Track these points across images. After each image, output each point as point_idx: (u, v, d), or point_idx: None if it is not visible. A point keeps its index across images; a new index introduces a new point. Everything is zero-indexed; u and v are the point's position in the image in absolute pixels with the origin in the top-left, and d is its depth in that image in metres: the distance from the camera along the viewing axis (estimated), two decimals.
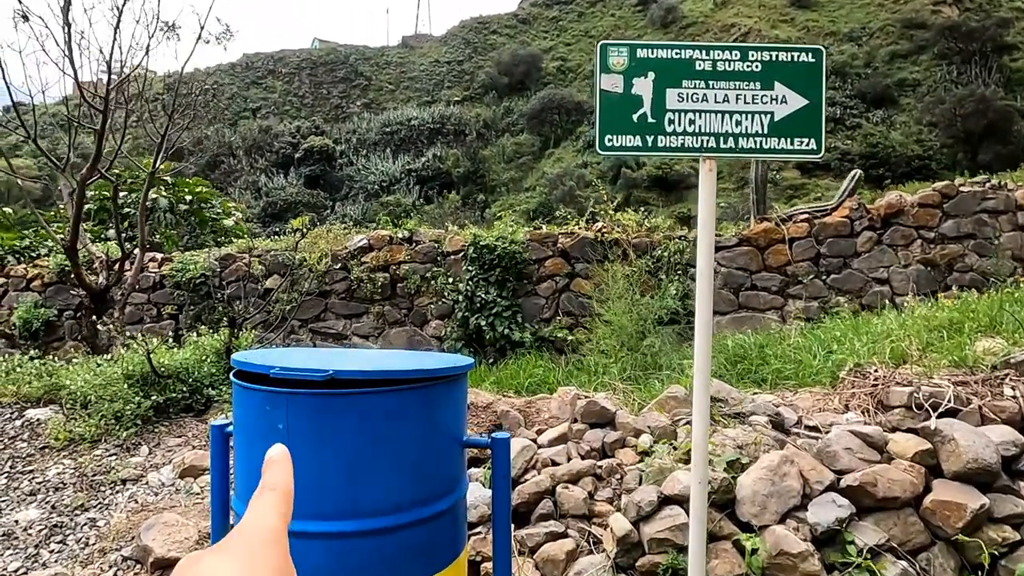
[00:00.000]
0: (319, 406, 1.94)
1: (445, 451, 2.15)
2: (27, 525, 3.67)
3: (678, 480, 3.15)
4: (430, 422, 2.09)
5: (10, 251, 8.57)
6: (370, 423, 1.95)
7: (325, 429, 1.93)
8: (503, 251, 7.02)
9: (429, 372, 2.06)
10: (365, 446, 1.93)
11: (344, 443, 1.92)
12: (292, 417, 1.92)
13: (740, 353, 5.54)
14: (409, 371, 2.01)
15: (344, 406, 1.93)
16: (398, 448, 1.99)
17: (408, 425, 2.02)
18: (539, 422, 4.30)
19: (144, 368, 4.93)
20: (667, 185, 32.60)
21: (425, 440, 2.06)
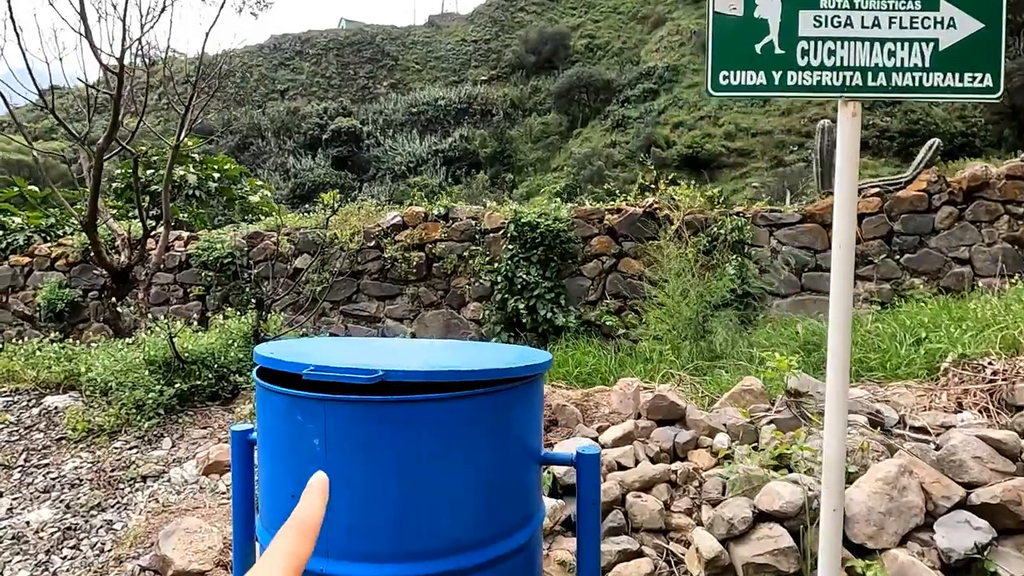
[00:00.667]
0: (367, 417, 1.50)
1: (520, 472, 1.70)
2: (39, 527, 3.34)
3: (777, 494, 2.67)
4: (504, 435, 1.64)
5: (35, 230, 8.34)
6: (430, 439, 1.51)
7: (374, 446, 1.49)
8: (546, 228, 6.53)
9: (504, 372, 1.60)
10: (423, 468, 1.49)
11: (397, 464, 1.48)
12: (331, 430, 1.48)
13: (814, 340, 5.01)
14: (480, 371, 1.56)
15: (399, 417, 1.49)
16: (464, 470, 1.55)
17: (477, 440, 1.57)
18: (598, 418, 3.85)
19: (167, 353, 4.58)
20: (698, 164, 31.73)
21: (497, 459, 1.62)
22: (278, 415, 1.58)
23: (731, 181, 29.96)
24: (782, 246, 6.69)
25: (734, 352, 5.06)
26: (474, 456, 1.55)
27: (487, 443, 1.57)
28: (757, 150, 30.96)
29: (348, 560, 1.50)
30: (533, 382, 1.72)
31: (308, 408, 1.50)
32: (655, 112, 35.15)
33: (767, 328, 5.55)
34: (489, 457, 1.58)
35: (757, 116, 33.08)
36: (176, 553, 2.94)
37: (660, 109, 35.44)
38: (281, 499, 1.60)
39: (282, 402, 1.55)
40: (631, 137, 33.88)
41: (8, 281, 7.88)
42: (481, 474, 1.56)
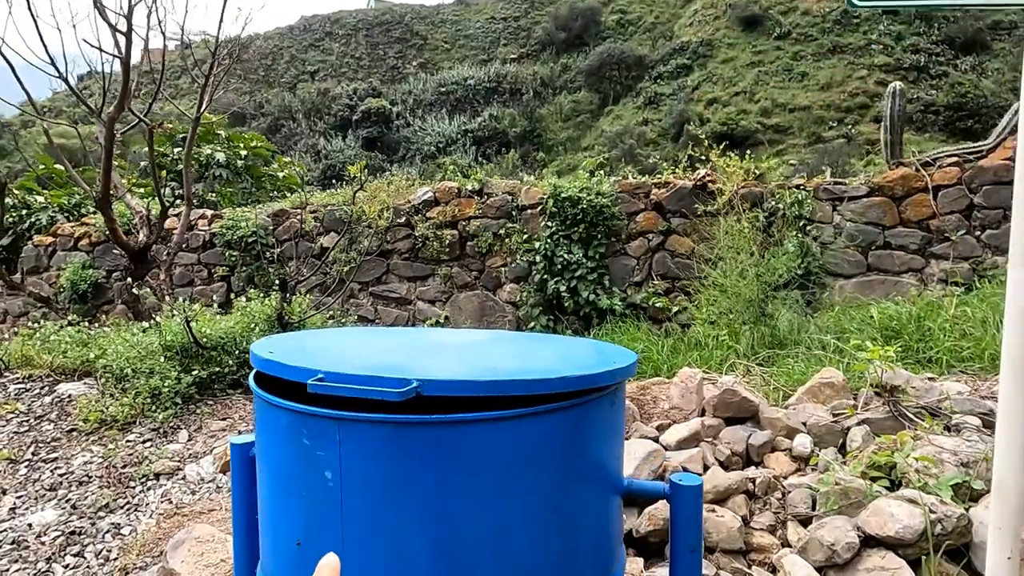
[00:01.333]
0: (397, 443, 1.09)
1: (598, 510, 1.27)
2: (41, 530, 3.04)
3: (890, 515, 2.21)
4: (578, 463, 1.22)
5: (59, 209, 8.14)
6: (480, 471, 1.10)
7: (406, 482, 1.08)
8: (588, 204, 6.06)
9: (583, 380, 1.18)
10: (471, 509, 1.08)
11: (435, 505, 1.08)
12: (349, 460, 1.07)
13: (892, 326, 4.48)
14: (552, 380, 1.13)
15: (436, 443, 1.08)
16: (524, 510, 1.13)
17: (541, 471, 1.15)
18: (657, 414, 3.41)
19: (184, 338, 4.26)
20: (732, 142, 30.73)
21: (568, 494, 1.20)
22: (280, 436, 1.18)
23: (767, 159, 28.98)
24: (847, 222, 6.12)
25: (801, 339, 4.56)
26: (538, 494, 1.13)
27: (557, 475, 1.15)
28: (794, 126, 29.88)
29: None
30: (616, 391, 1.29)
31: (318, 430, 1.09)
32: (688, 89, 34.12)
33: (835, 312, 5.02)
34: (559, 495, 1.16)
35: (795, 91, 31.95)
36: (185, 567, 2.60)
37: (693, 85, 34.42)
38: (284, 546, 1.21)
39: (284, 420, 1.15)
40: (663, 115, 32.99)
41: (32, 261, 7.71)
42: (547, 518, 1.15)
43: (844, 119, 28.80)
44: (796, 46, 34.14)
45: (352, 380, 1.04)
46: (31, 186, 8.88)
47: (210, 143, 9.65)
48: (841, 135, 27.56)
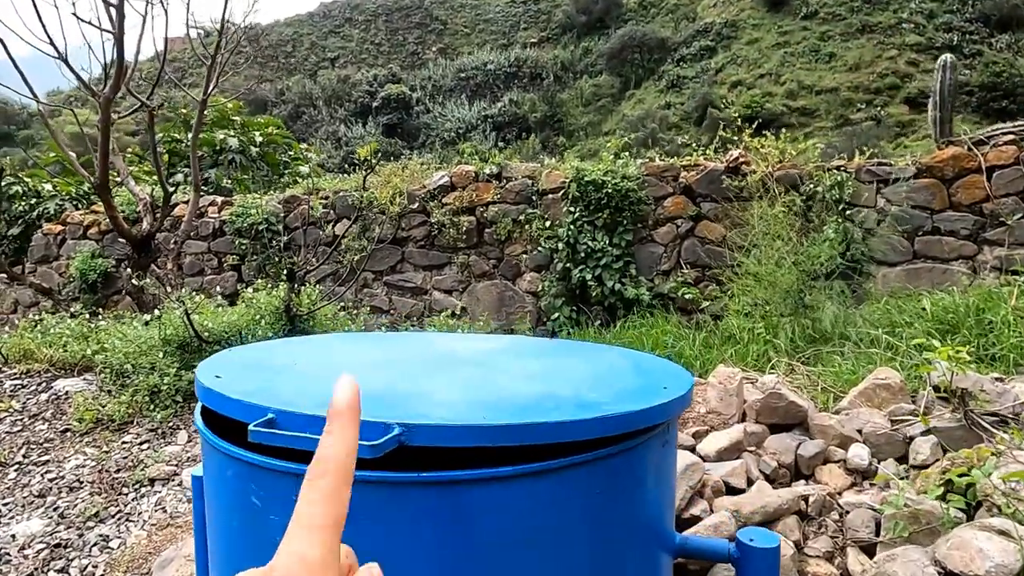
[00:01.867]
0: (375, 508, 0.80)
1: (641, 570, 0.99)
2: (25, 542, 2.82)
3: (978, 551, 1.87)
4: (619, 522, 0.92)
5: (67, 197, 7.98)
6: (488, 544, 0.81)
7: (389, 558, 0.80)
8: (613, 188, 5.71)
9: (624, 421, 0.87)
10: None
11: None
12: None
13: (947, 319, 4.10)
14: (581, 422, 0.83)
15: (435, 510, 0.80)
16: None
17: (574, 536, 0.86)
18: (694, 419, 3.10)
19: (185, 332, 4.02)
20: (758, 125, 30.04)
21: (606, 562, 0.91)
22: (228, 490, 0.88)
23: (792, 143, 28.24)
24: (891, 206, 5.70)
25: (847, 333, 4.20)
26: (567, 562, 0.83)
27: (591, 540, 0.85)
28: (821, 109, 29.12)
29: None
30: (667, 428, 0.98)
31: (269, 486, 0.80)
32: (712, 71, 33.39)
33: (882, 303, 4.64)
34: (594, 562, 0.86)
35: (822, 72, 31.13)
36: None
37: (717, 68, 33.69)
38: None
39: (231, 471, 0.86)
40: (686, 98, 32.36)
41: (42, 250, 7.57)
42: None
43: (873, 101, 27.94)
44: (823, 26, 33.22)
45: (310, 425, 0.74)
46: (41, 175, 8.74)
47: (224, 128, 9.44)
48: (870, 117, 26.72)
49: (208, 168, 8.82)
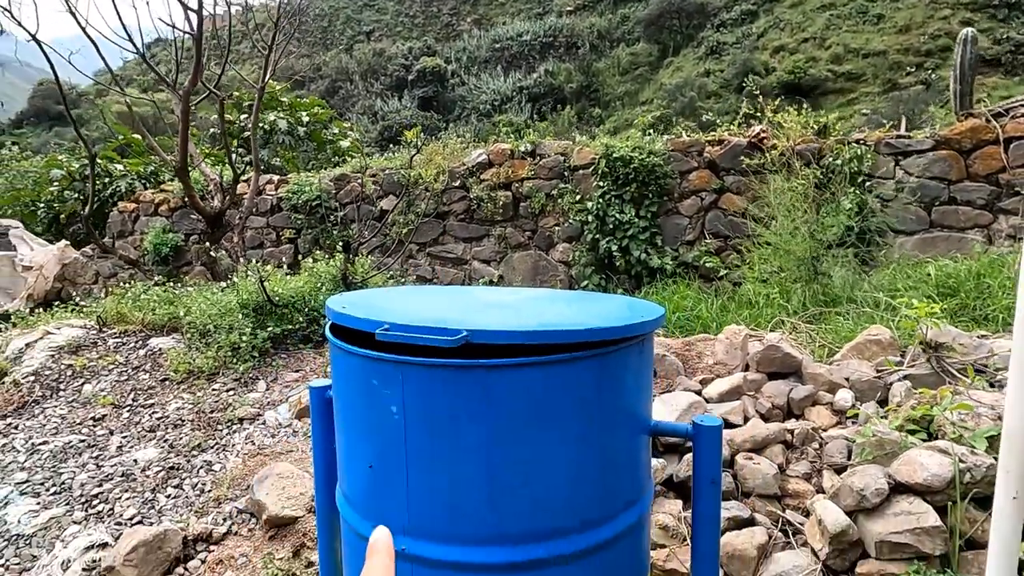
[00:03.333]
0: (450, 383, 1.27)
1: (627, 445, 1.44)
2: (145, 465, 3.45)
3: (920, 464, 2.31)
4: (608, 404, 1.38)
5: (136, 177, 8.68)
6: (521, 408, 1.28)
7: (458, 417, 1.28)
8: (640, 163, 6.09)
9: (612, 331, 1.33)
10: (514, 442, 1.26)
11: (484, 436, 1.27)
12: (410, 397, 1.27)
13: (949, 284, 4.43)
14: (579, 330, 1.30)
15: (484, 384, 1.27)
16: (560, 445, 1.31)
17: (575, 410, 1.32)
18: (702, 369, 3.54)
19: (259, 297, 4.61)
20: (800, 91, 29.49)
21: (600, 431, 1.37)
22: (353, 377, 1.39)
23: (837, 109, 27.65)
24: (910, 177, 5.95)
25: (854, 296, 4.56)
26: (572, 429, 1.31)
27: (588, 414, 1.33)
28: (868, 73, 28.37)
29: (431, 541, 1.32)
30: (644, 342, 1.45)
31: (384, 372, 1.30)
32: (753, 36, 32.74)
33: (891, 270, 4.97)
34: (590, 430, 1.34)
35: (869, 35, 30.23)
36: (269, 498, 2.94)
37: (759, 32, 33.01)
38: (359, 470, 1.43)
39: (356, 364, 1.36)
40: (726, 65, 31.87)
41: (118, 226, 8.31)
42: (579, 451, 1.33)
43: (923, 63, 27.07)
44: None
45: (413, 330, 1.24)
46: (111, 155, 9.47)
47: (273, 110, 10.02)
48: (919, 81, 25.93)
49: (261, 147, 9.43)
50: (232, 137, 9.76)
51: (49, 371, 4.46)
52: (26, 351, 4.70)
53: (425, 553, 1.31)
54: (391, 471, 1.33)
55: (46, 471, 3.45)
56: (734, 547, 2.40)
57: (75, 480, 3.36)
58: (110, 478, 3.36)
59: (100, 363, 4.54)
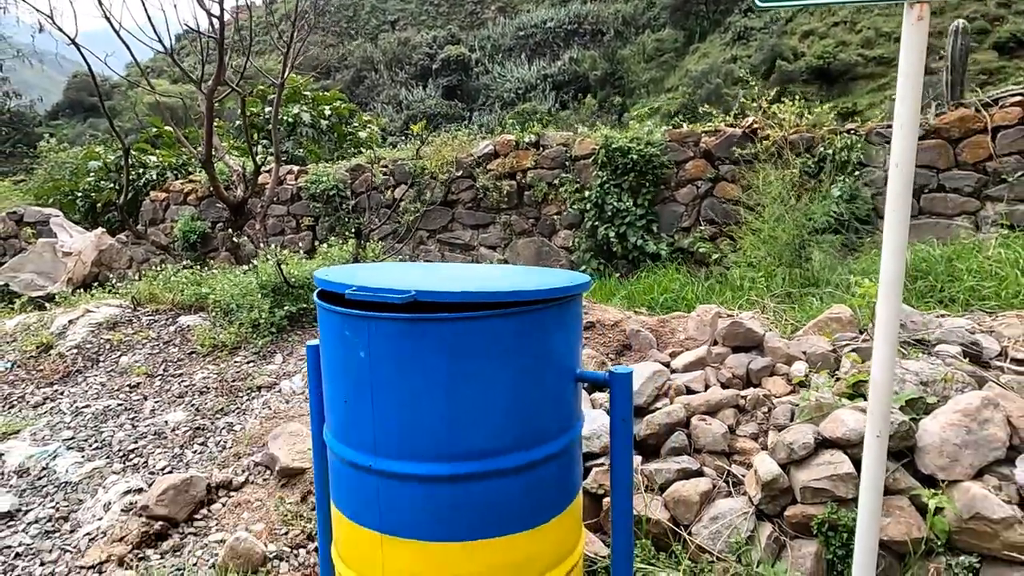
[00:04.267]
0: (402, 332, 1.64)
1: (554, 386, 1.80)
2: (175, 426, 3.89)
3: (842, 421, 2.62)
4: (535, 353, 1.74)
5: (167, 167, 9.19)
6: (462, 354, 1.64)
7: (411, 359, 1.64)
8: (638, 154, 6.38)
9: (529, 294, 1.69)
10: (458, 380, 1.63)
11: (434, 376, 1.63)
12: (374, 345, 1.65)
13: (922, 267, 4.67)
14: (503, 292, 1.66)
15: (430, 333, 1.63)
16: (496, 383, 1.67)
17: (507, 357, 1.68)
18: (673, 343, 3.86)
19: (277, 279, 5.03)
20: (829, 77, 29.16)
21: (529, 374, 1.72)
22: (332, 330, 1.76)
23: (867, 94, 27.28)
24: None
25: (832, 279, 4.82)
26: (505, 372, 1.66)
27: (519, 358, 1.68)
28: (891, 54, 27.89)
29: (393, 458, 1.69)
30: (566, 304, 1.79)
31: (353, 324, 1.66)
32: (781, 20, 32.36)
33: (872, 254, 5.21)
34: (521, 373, 1.69)
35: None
36: (282, 452, 3.35)
37: (787, 17, 32.58)
38: (338, 404, 1.80)
39: (334, 319, 1.73)
40: (753, 51, 31.59)
41: (150, 214, 8.83)
42: (514, 389, 1.68)
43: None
44: None
45: (372, 291, 1.61)
46: (144, 147, 10.01)
47: (297, 103, 10.45)
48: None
49: (283, 140, 9.87)
50: (257, 129, 10.23)
51: (90, 344, 4.94)
52: (69, 327, 5.19)
53: (386, 468, 1.69)
54: (361, 403, 1.70)
55: (89, 430, 3.91)
56: (680, 493, 2.74)
57: (114, 437, 3.81)
58: (144, 436, 3.80)
59: (135, 338, 5.00)
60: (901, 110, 1.77)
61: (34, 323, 5.42)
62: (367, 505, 1.75)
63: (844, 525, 2.42)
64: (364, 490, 1.76)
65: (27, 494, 3.40)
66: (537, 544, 1.78)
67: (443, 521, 1.68)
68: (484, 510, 1.70)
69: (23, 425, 3.99)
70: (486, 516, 1.70)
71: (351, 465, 1.76)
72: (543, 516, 1.79)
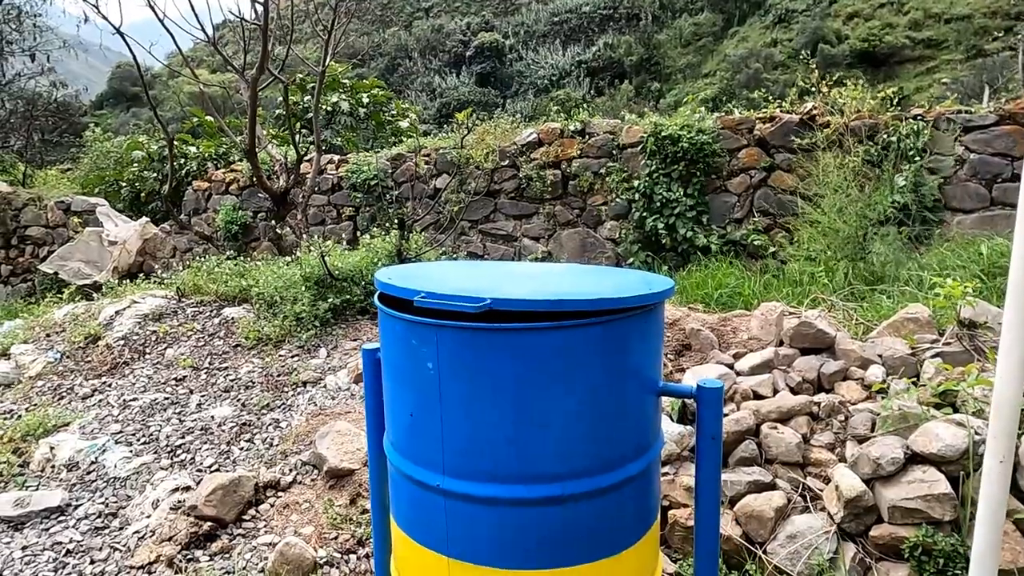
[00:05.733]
0: (474, 343, 1.49)
1: (635, 402, 1.64)
2: (221, 421, 3.84)
3: (935, 435, 2.41)
4: (615, 365, 1.58)
5: (208, 157, 9.22)
6: (537, 367, 1.48)
7: (482, 372, 1.49)
8: (688, 142, 6.13)
9: (615, 302, 1.52)
10: (531, 395, 1.48)
11: (505, 390, 1.48)
12: (444, 355, 1.50)
13: (1002, 263, 4.36)
14: (587, 300, 1.49)
15: (505, 345, 1.47)
16: (572, 399, 1.51)
17: (585, 370, 1.52)
18: (736, 344, 3.66)
19: (320, 271, 4.95)
20: (875, 61, 28.14)
21: (608, 388, 1.56)
22: (396, 338, 1.62)
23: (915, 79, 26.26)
24: (971, 153, 5.80)
25: (900, 275, 4.54)
26: (582, 387, 1.51)
27: (597, 374, 1.52)
28: (950, 39, 26.78)
29: (461, 478, 1.55)
30: (650, 312, 1.62)
31: (421, 333, 1.52)
32: (824, 2, 31.32)
33: (943, 248, 4.90)
34: (599, 388, 1.53)
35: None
36: (330, 452, 3.25)
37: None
38: (402, 417, 1.67)
39: (399, 326, 1.59)
40: (795, 34, 30.67)
41: (192, 204, 8.88)
42: (590, 405, 1.52)
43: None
44: None
45: (444, 298, 1.46)
46: (185, 137, 10.06)
47: (335, 91, 10.39)
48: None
49: (323, 127, 9.82)
50: (296, 118, 10.20)
51: (136, 336, 4.94)
52: (116, 318, 5.20)
53: (456, 488, 1.55)
54: (428, 418, 1.56)
55: (136, 424, 3.89)
56: (752, 508, 2.56)
57: (161, 432, 3.77)
58: (191, 431, 3.76)
59: (180, 330, 4.98)
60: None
61: (82, 313, 5.45)
62: (433, 526, 1.62)
63: (940, 550, 2.22)
64: (430, 510, 1.63)
65: (76, 488, 3.38)
66: (613, 574, 1.63)
67: (516, 548, 1.55)
68: (559, 537, 1.56)
69: (72, 418, 3.98)
70: (560, 544, 1.56)
71: (416, 483, 1.63)
72: (620, 544, 1.64)
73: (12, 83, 12.34)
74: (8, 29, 11.92)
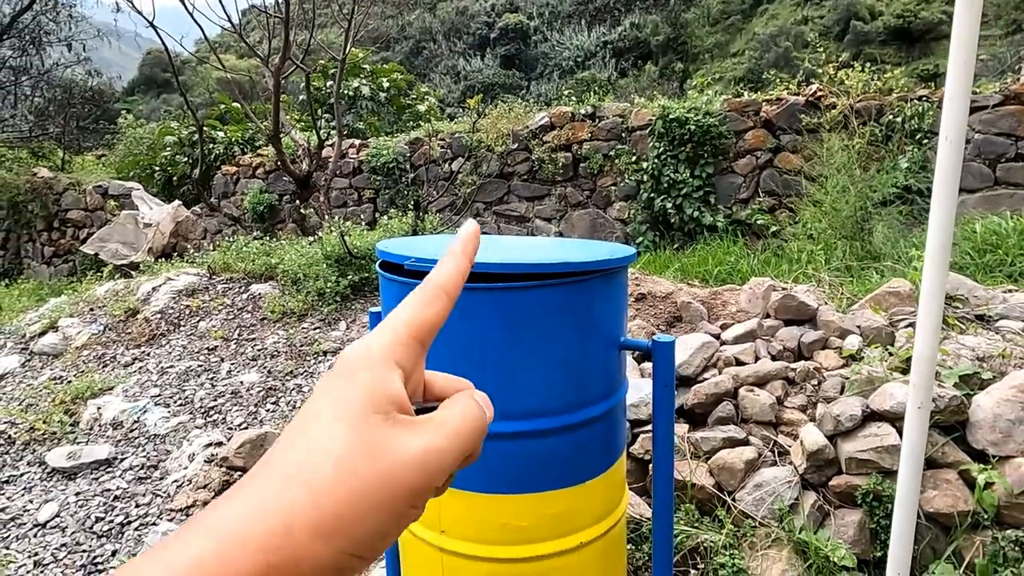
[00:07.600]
0: (464, 300, 1.78)
1: (599, 353, 1.91)
2: (250, 386, 4.18)
3: (890, 394, 2.63)
4: (583, 321, 1.85)
5: (235, 142, 9.59)
6: (512, 321, 1.77)
7: (468, 326, 1.78)
8: (695, 124, 6.29)
9: (581, 265, 1.79)
10: (509, 345, 1.76)
11: (486, 341, 1.76)
12: None
13: (992, 241, 4.50)
14: (551, 264, 1.77)
15: (483, 302, 1.76)
16: (544, 349, 1.79)
17: (554, 325, 1.80)
18: (725, 316, 3.88)
19: (340, 250, 5.26)
20: (909, 37, 27.55)
21: (575, 341, 1.84)
22: (393, 298, 1.90)
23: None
24: (975, 133, 5.88)
25: (894, 253, 4.71)
26: (550, 339, 1.78)
27: (568, 328, 1.79)
28: (989, 14, 26.07)
29: None
30: (613, 275, 1.88)
31: None
32: None
33: None
34: (568, 338, 1.80)
35: None
36: None
37: None
38: None
39: (395, 287, 1.87)
40: (827, 11, 30.13)
41: (221, 188, 9.27)
42: (560, 354, 1.79)
43: None
44: None
45: (429, 262, 1.74)
46: (214, 123, 10.45)
47: (356, 76, 10.68)
48: None
49: (345, 112, 10.13)
50: (319, 104, 10.53)
51: (171, 310, 5.32)
52: (153, 294, 5.58)
53: None
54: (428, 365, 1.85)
55: (173, 388, 4.25)
56: (725, 461, 2.81)
57: (195, 395, 4.13)
58: (222, 395, 4.11)
59: (211, 304, 5.35)
60: (956, 67, 1.75)
61: (121, 290, 5.85)
62: None
63: (888, 496, 2.45)
64: None
65: (121, 444, 3.75)
66: (582, 500, 1.91)
67: (497, 475, 1.83)
68: (536, 466, 1.83)
69: (116, 383, 4.36)
70: (538, 472, 1.84)
71: None
72: (589, 474, 1.91)
73: (50, 72, 12.86)
74: (46, 20, 12.41)
